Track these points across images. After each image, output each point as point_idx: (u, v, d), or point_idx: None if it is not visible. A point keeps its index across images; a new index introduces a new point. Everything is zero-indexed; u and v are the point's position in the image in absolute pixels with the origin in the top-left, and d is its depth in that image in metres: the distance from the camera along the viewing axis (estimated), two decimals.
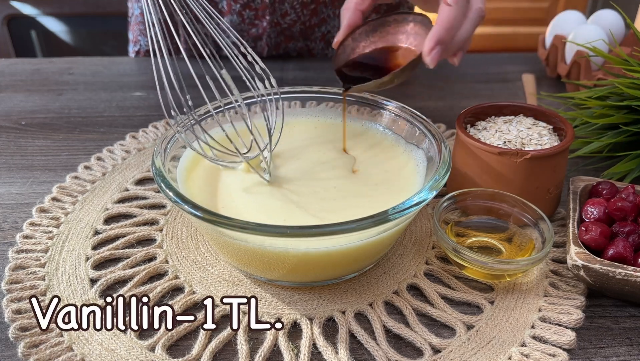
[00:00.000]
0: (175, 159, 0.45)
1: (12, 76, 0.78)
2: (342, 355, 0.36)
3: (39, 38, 1.57)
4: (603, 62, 0.70)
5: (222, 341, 0.37)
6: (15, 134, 0.63)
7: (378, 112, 0.52)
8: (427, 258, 0.45)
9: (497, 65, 0.84)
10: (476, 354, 0.37)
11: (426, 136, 0.46)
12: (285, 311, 0.40)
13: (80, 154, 0.58)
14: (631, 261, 0.39)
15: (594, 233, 0.40)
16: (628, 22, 0.58)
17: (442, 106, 0.71)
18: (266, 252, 0.37)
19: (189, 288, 0.41)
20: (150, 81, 0.76)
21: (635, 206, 0.43)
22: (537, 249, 0.42)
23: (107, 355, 0.36)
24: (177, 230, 0.47)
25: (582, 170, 0.56)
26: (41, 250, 0.44)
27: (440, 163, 0.42)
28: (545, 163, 0.45)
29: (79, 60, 0.83)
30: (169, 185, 0.39)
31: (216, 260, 0.44)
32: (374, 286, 0.42)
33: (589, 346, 0.38)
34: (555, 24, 0.77)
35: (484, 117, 0.52)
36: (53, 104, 0.70)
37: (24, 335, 0.37)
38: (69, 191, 0.52)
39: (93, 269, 0.43)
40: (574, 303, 0.40)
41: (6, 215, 0.49)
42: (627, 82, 0.54)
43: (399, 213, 0.36)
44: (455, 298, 0.41)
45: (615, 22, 0.72)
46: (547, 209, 0.47)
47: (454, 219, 0.46)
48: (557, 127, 0.49)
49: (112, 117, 0.67)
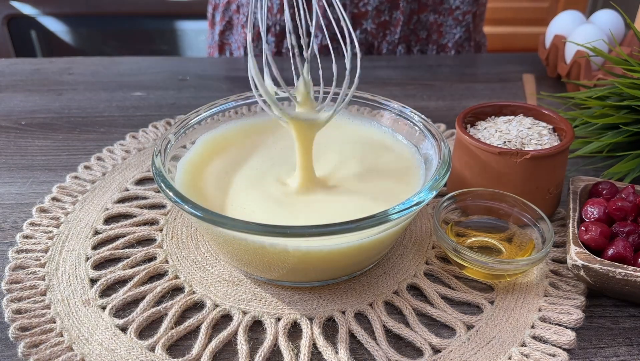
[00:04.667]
0: (175, 159, 0.45)
1: (12, 76, 0.78)
2: (342, 355, 0.36)
3: (39, 38, 1.57)
4: (603, 62, 0.70)
5: (222, 341, 0.37)
6: (15, 134, 0.63)
7: (378, 112, 0.52)
8: (427, 258, 0.45)
9: (497, 65, 0.84)
10: (476, 354, 0.37)
11: (426, 136, 0.46)
12: (285, 311, 0.40)
13: (80, 154, 0.58)
14: (631, 261, 0.39)
15: (594, 233, 0.40)
16: (628, 22, 0.58)
17: (442, 106, 0.71)
18: (266, 252, 0.37)
19: (189, 288, 0.41)
20: (150, 81, 0.76)
21: (635, 206, 0.43)
22: (537, 249, 0.42)
23: (107, 355, 0.36)
24: (177, 230, 0.47)
25: (582, 170, 0.56)
26: (41, 250, 0.44)
27: (440, 163, 0.42)
28: (545, 163, 0.45)
29: (79, 60, 0.83)
30: (168, 185, 0.39)
31: (216, 260, 0.44)
32: (374, 286, 0.42)
33: (589, 346, 0.38)
34: (555, 24, 0.77)
35: (484, 117, 0.52)
36: (53, 104, 0.70)
37: (24, 335, 0.37)
38: (69, 191, 0.52)
39: (93, 269, 0.43)
40: (574, 303, 0.40)
41: (6, 215, 0.49)
42: (627, 82, 0.54)
43: (399, 213, 0.36)
44: (455, 298, 0.41)
45: (615, 22, 0.72)
46: (547, 209, 0.47)
47: (454, 219, 0.46)
48: (557, 127, 0.49)
49: (112, 117, 0.67)
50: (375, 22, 0.85)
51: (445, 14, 0.86)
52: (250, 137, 0.51)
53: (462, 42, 0.89)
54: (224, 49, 0.94)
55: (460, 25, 0.87)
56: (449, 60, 0.86)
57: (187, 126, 0.47)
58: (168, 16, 1.58)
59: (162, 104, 0.70)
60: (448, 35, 0.88)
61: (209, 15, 0.95)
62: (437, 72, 0.81)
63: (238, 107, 0.51)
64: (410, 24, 0.86)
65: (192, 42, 1.62)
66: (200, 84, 0.76)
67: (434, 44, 0.89)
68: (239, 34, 0.90)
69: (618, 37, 0.72)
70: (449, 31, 0.88)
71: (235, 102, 0.51)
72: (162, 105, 0.70)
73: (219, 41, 0.94)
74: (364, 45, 0.88)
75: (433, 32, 0.88)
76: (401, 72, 0.81)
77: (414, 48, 0.89)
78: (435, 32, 0.88)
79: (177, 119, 0.65)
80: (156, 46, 1.63)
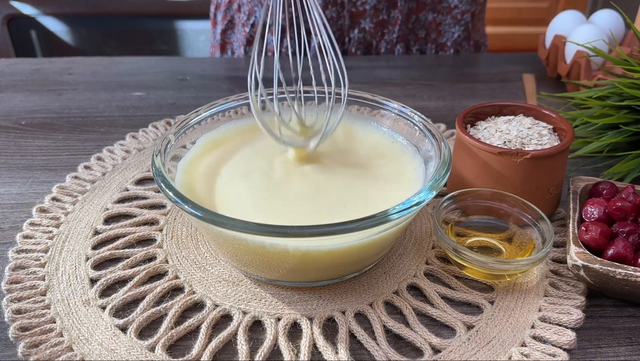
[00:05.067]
0: (175, 159, 0.45)
1: (12, 76, 0.78)
2: (342, 355, 0.36)
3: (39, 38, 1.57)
4: (603, 62, 0.70)
5: (222, 341, 0.37)
6: (15, 134, 0.63)
7: (378, 112, 0.52)
8: (427, 258, 0.45)
9: (497, 65, 0.84)
10: (476, 354, 0.37)
11: (426, 136, 0.46)
12: (285, 311, 0.40)
13: (80, 154, 0.58)
14: (631, 261, 0.39)
15: (594, 233, 0.40)
16: (628, 22, 0.58)
17: (442, 106, 0.71)
18: (266, 252, 0.37)
19: (189, 288, 0.41)
20: (150, 81, 0.77)
21: (635, 206, 0.43)
22: (537, 249, 0.42)
23: (107, 355, 0.36)
24: (177, 230, 0.47)
25: (582, 170, 0.56)
26: (41, 250, 0.44)
27: (440, 163, 0.42)
28: (545, 163, 0.45)
29: (79, 60, 0.83)
30: (169, 185, 0.39)
31: (216, 260, 0.44)
32: (374, 286, 0.42)
33: (589, 346, 0.38)
34: (555, 24, 0.77)
35: (484, 117, 0.52)
36: (53, 104, 0.70)
37: (24, 335, 0.37)
38: (69, 191, 0.52)
39: (93, 269, 0.43)
40: (574, 303, 0.40)
41: (6, 215, 0.49)
42: (627, 82, 0.54)
43: (399, 213, 0.36)
44: (455, 298, 0.41)
45: (615, 22, 0.72)
46: (547, 209, 0.47)
47: (454, 219, 0.46)
48: (557, 127, 0.49)
49: (112, 117, 0.67)
50: (373, 21, 0.85)
51: (444, 13, 0.86)
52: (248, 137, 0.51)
53: (460, 42, 0.89)
54: (225, 48, 0.94)
55: (459, 24, 0.87)
56: (449, 60, 0.86)
57: (187, 126, 0.47)
58: (168, 16, 1.58)
59: (162, 104, 0.70)
60: (447, 34, 0.88)
61: (211, 15, 0.95)
62: (437, 72, 0.81)
63: (238, 107, 0.51)
64: (408, 23, 0.86)
65: (192, 42, 1.62)
66: (200, 84, 0.76)
67: (432, 43, 0.89)
68: (240, 33, 0.90)
69: (618, 37, 0.72)
70: (448, 30, 0.88)
71: (235, 102, 0.51)
72: (162, 105, 0.70)
73: (221, 40, 0.94)
74: (362, 44, 0.88)
75: (432, 31, 0.88)
76: (401, 72, 0.81)
77: (413, 47, 0.89)
78: (434, 31, 0.88)
79: (177, 119, 0.65)
80: (156, 46, 1.63)
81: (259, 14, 0.42)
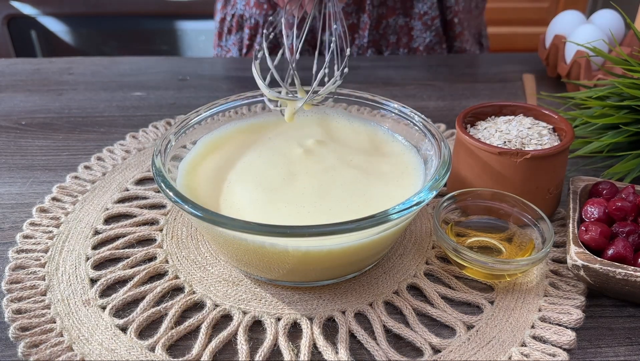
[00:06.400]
0: (175, 159, 0.45)
1: (12, 76, 0.78)
2: (342, 355, 0.36)
3: (39, 38, 1.57)
4: (603, 62, 0.70)
5: (222, 341, 0.37)
6: (15, 134, 0.63)
7: (378, 112, 0.52)
8: (427, 258, 0.45)
9: (497, 65, 0.84)
10: (476, 354, 0.37)
11: (426, 136, 0.46)
12: (285, 311, 0.40)
13: (80, 154, 0.58)
14: (631, 261, 0.39)
15: (594, 233, 0.40)
16: (628, 22, 0.58)
17: (442, 106, 0.71)
18: (266, 252, 0.37)
19: (189, 288, 0.41)
20: (150, 81, 0.77)
21: (635, 206, 0.43)
22: (537, 249, 0.42)
23: (107, 355, 0.36)
24: (177, 230, 0.47)
25: (582, 170, 0.56)
26: (41, 250, 0.44)
27: (440, 163, 0.42)
28: (545, 163, 0.45)
29: (79, 60, 0.83)
30: (169, 185, 0.39)
31: (216, 260, 0.44)
32: (374, 286, 0.42)
33: (589, 346, 0.38)
34: (555, 24, 0.77)
35: (484, 117, 0.52)
36: (53, 104, 0.70)
37: (24, 335, 0.37)
38: (69, 191, 0.52)
39: (93, 269, 0.43)
40: (574, 303, 0.40)
41: (6, 215, 0.49)
42: (627, 82, 0.54)
43: (399, 213, 0.36)
44: (455, 298, 0.41)
45: (615, 22, 0.72)
46: (547, 209, 0.47)
47: (454, 219, 0.46)
48: (557, 127, 0.49)
49: (112, 117, 0.67)
50: None
51: (415, 18, 0.86)
52: (249, 137, 0.51)
53: (432, 46, 0.89)
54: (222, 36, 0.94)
55: (429, 30, 0.86)
56: (449, 60, 0.86)
57: (187, 126, 0.47)
58: (168, 16, 1.58)
59: (162, 104, 0.70)
60: (419, 39, 0.87)
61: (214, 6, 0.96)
62: (437, 72, 0.81)
63: (238, 107, 0.51)
64: (379, 28, 0.86)
65: (192, 42, 1.62)
66: (200, 84, 0.76)
67: (404, 47, 0.88)
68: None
69: (618, 37, 0.72)
70: (420, 35, 0.87)
71: (235, 102, 0.51)
72: (162, 105, 0.70)
73: (219, 28, 0.94)
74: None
75: (403, 36, 0.87)
76: (401, 72, 0.81)
77: (385, 53, 0.88)
78: (405, 36, 0.87)
79: (177, 119, 0.65)
80: (156, 46, 1.63)
81: None
